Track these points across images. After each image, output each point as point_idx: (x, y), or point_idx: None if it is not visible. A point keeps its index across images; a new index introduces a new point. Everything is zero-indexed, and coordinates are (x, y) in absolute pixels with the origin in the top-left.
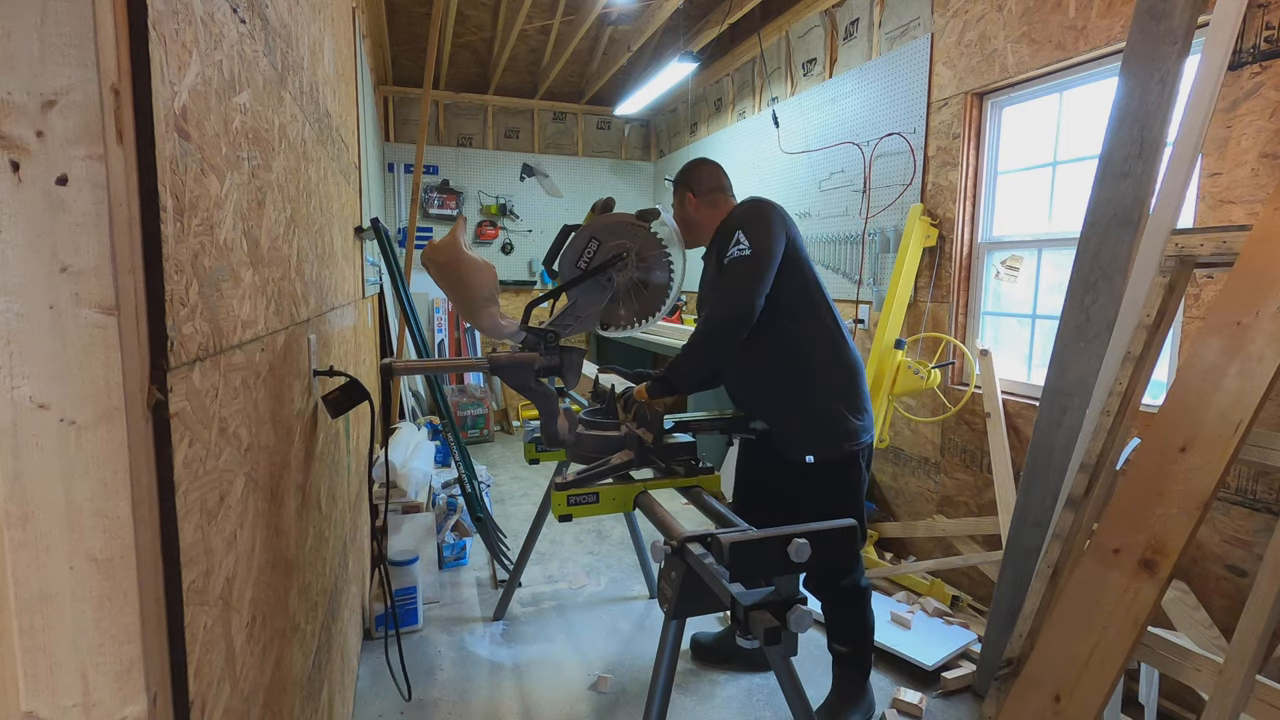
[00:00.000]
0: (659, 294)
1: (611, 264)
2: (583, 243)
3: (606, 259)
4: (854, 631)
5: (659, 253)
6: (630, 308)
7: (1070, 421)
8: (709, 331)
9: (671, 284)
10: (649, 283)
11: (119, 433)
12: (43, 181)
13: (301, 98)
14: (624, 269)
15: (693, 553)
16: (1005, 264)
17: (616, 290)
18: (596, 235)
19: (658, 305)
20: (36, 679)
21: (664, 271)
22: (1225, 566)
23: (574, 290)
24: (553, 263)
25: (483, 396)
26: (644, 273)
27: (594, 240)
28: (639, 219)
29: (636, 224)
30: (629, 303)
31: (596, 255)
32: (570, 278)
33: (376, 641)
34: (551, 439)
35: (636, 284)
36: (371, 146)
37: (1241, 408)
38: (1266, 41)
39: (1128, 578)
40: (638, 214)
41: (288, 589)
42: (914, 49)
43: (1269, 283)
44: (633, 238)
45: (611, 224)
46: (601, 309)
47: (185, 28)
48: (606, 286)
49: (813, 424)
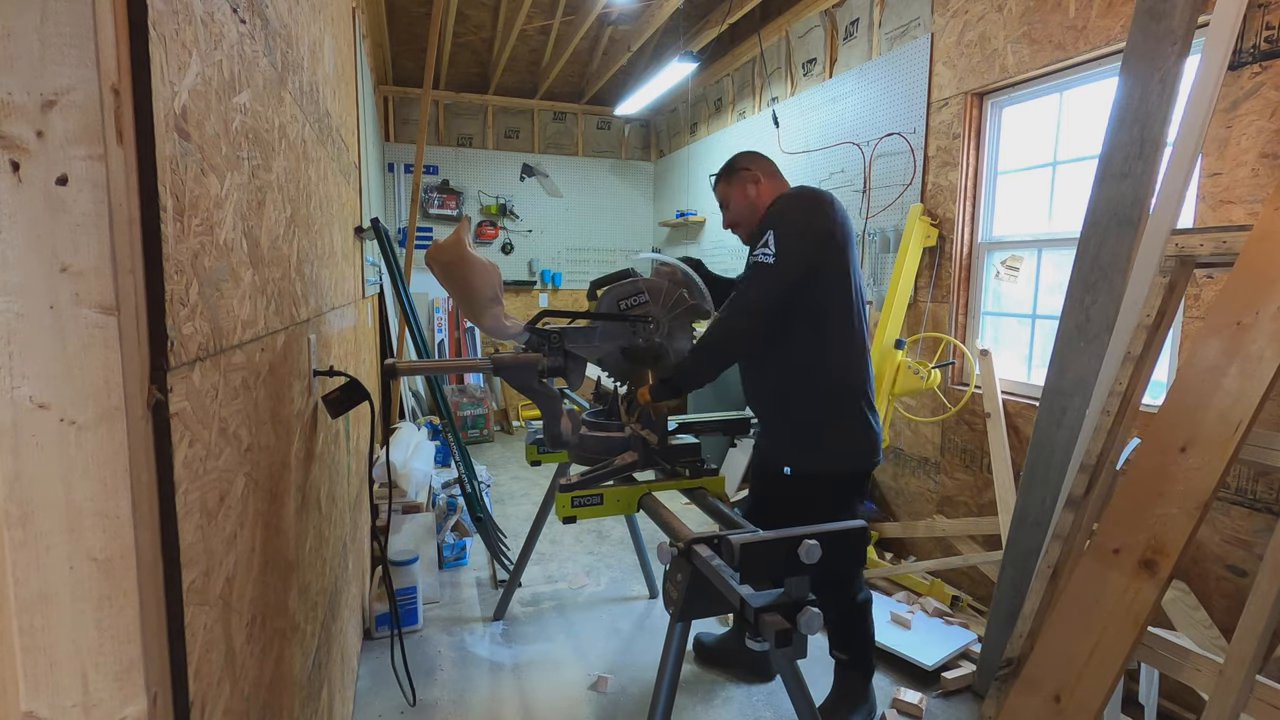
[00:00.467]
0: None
1: (646, 320)
2: (634, 290)
3: (644, 314)
4: (855, 642)
5: (689, 332)
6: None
7: (1070, 421)
8: (716, 339)
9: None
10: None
11: (119, 433)
12: (43, 181)
13: (301, 98)
14: (653, 335)
15: (700, 554)
16: (1005, 264)
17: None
18: (649, 292)
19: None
20: (36, 679)
21: (686, 343)
22: (1225, 566)
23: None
24: (600, 287)
25: (483, 396)
26: (669, 339)
27: (645, 295)
28: (691, 306)
29: (691, 306)
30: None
31: (637, 307)
32: (606, 310)
33: (376, 641)
34: (554, 440)
35: (658, 349)
36: (371, 146)
37: (1241, 408)
38: (1266, 41)
39: (1128, 578)
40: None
41: (288, 589)
42: (914, 49)
43: (1269, 283)
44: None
45: (672, 295)
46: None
47: (185, 28)
48: (628, 336)
49: (800, 437)
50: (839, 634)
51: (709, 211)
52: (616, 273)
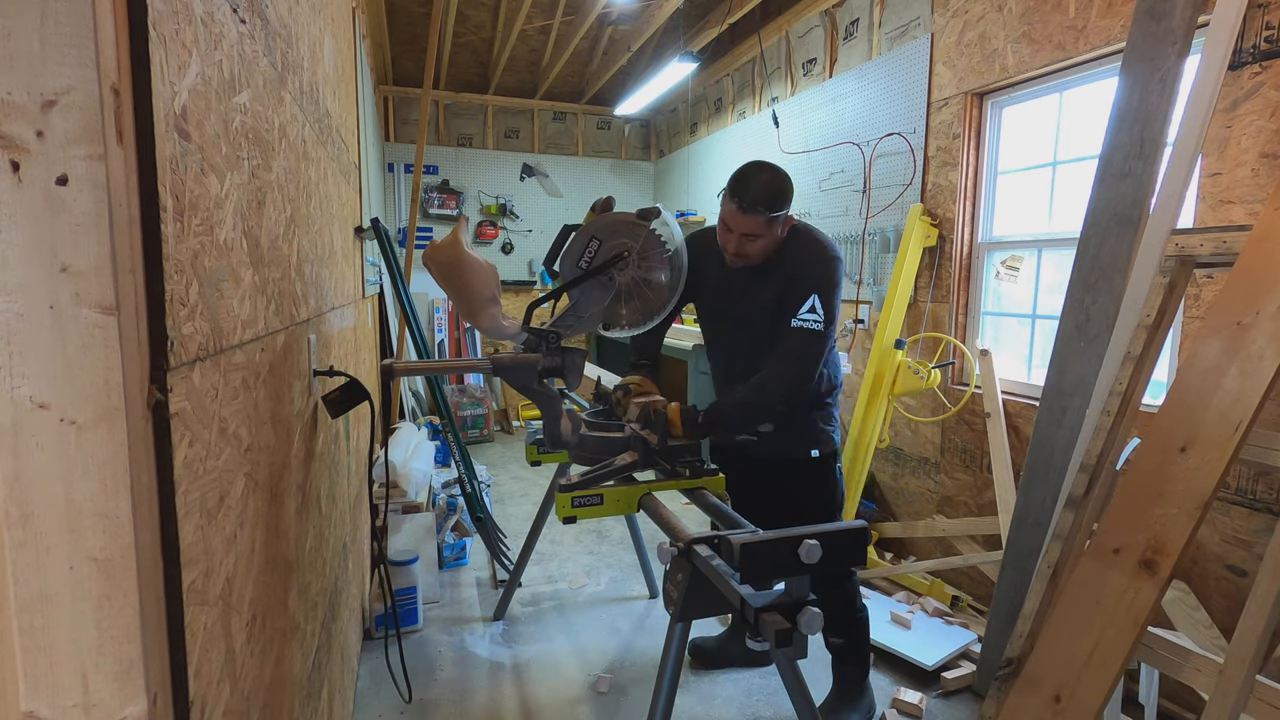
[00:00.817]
0: (661, 293)
1: (613, 263)
2: (584, 242)
3: (608, 258)
4: (845, 617)
5: (660, 251)
6: (633, 307)
7: (1070, 421)
8: (768, 399)
9: (674, 283)
10: (651, 282)
11: (119, 433)
12: (43, 181)
13: (301, 98)
14: (626, 268)
15: (700, 554)
16: (1005, 264)
17: (618, 290)
18: (597, 235)
19: (661, 305)
20: (36, 679)
21: (666, 270)
22: (1225, 566)
23: (575, 290)
24: (553, 263)
25: (483, 397)
26: (645, 272)
27: (595, 240)
28: (640, 218)
29: (637, 223)
30: (631, 302)
31: (598, 255)
32: (571, 277)
33: (376, 641)
34: (554, 441)
35: (638, 283)
36: (371, 146)
37: (1241, 408)
38: (1266, 41)
39: (1128, 578)
40: (638, 213)
41: (288, 589)
42: (914, 49)
43: (1269, 283)
44: (634, 237)
45: (612, 223)
46: (603, 309)
47: (185, 28)
48: (608, 286)
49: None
50: (833, 620)
51: (709, 211)
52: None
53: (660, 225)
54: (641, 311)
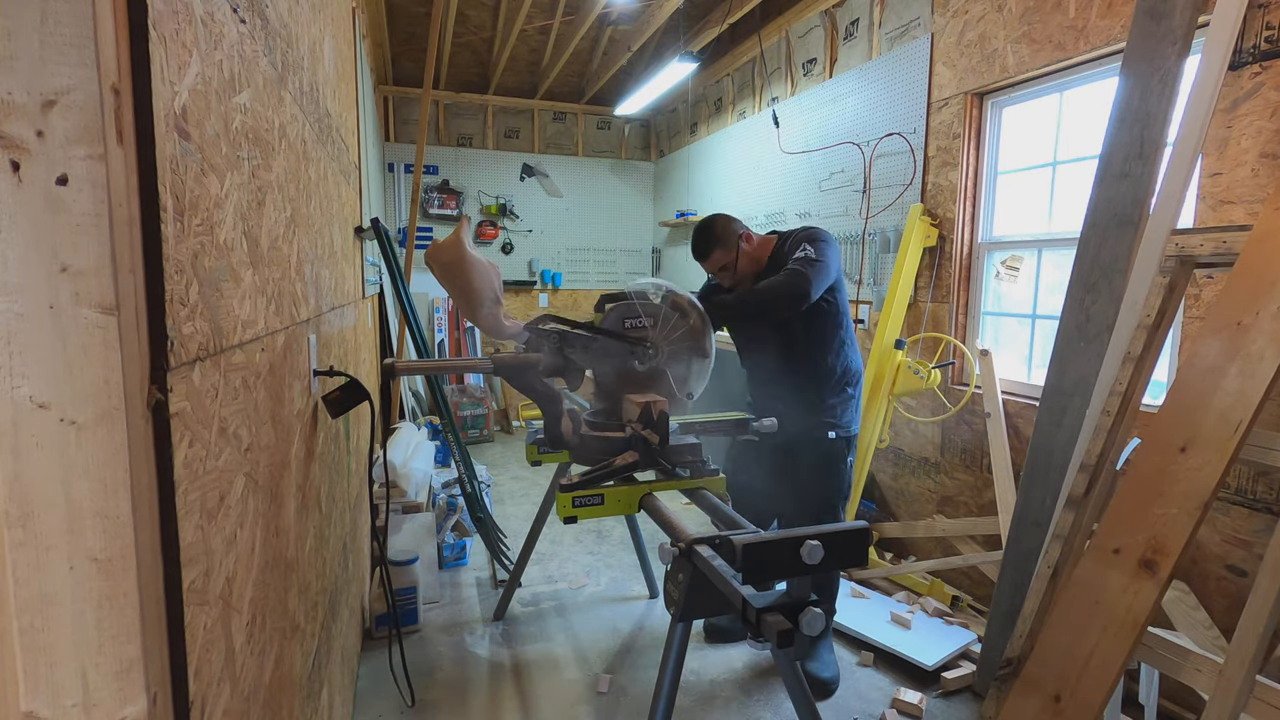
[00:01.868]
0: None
1: (644, 345)
2: (637, 311)
3: (642, 338)
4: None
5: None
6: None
7: (1070, 421)
8: (769, 293)
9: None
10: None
11: (119, 433)
12: (43, 181)
13: (301, 98)
14: (649, 360)
15: (701, 555)
16: (1005, 264)
17: (630, 367)
18: (652, 317)
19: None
20: (36, 679)
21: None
22: (1225, 566)
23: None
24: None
25: (483, 396)
26: (666, 365)
27: (648, 319)
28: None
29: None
30: (630, 386)
31: (638, 330)
32: (611, 326)
33: (377, 641)
34: (555, 441)
35: (655, 372)
36: (371, 146)
37: (1241, 408)
38: (1267, 41)
39: (1128, 578)
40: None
41: (288, 589)
42: (914, 49)
43: (1269, 283)
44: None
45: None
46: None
47: (185, 28)
48: (626, 356)
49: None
50: None
51: (709, 211)
52: (626, 294)
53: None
54: None
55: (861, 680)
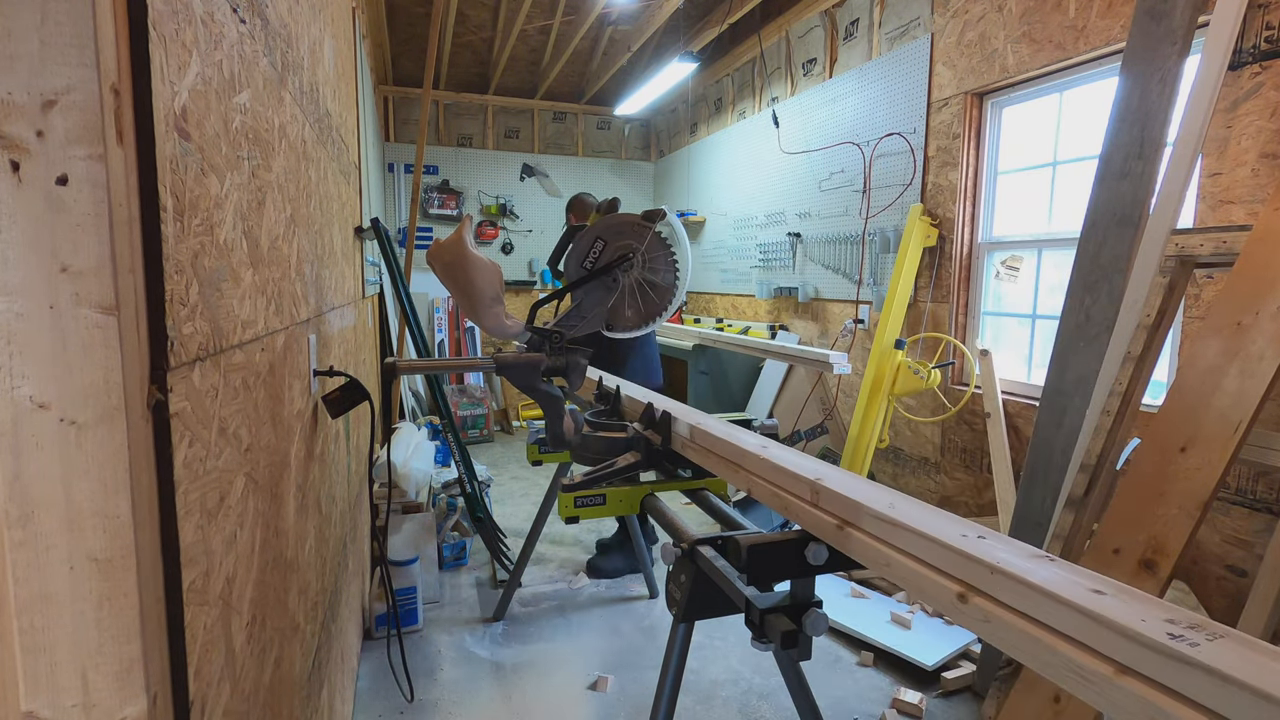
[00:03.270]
0: (664, 294)
1: (617, 264)
2: (588, 243)
3: (612, 259)
4: None
5: (664, 253)
6: (636, 308)
7: (1070, 421)
8: None
9: (677, 284)
10: (655, 283)
11: (119, 433)
12: (43, 181)
13: (301, 98)
14: (630, 269)
15: (704, 555)
16: (1005, 264)
17: (622, 291)
18: (602, 235)
19: (664, 305)
20: (36, 679)
21: (669, 271)
22: (1225, 566)
23: (579, 291)
24: (557, 263)
25: (483, 396)
26: (649, 273)
27: (600, 240)
28: (644, 219)
29: (642, 224)
30: (635, 303)
31: (602, 255)
32: (576, 278)
33: (376, 641)
34: (557, 440)
35: (642, 284)
36: (371, 146)
37: (1241, 408)
38: (1267, 41)
39: (1128, 578)
40: (643, 214)
41: (288, 589)
42: (914, 49)
43: (1269, 283)
44: (639, 238)
45: (617, 224)
46: (606, 310)
47: (185, 28)
48: (612, 287)
49: None
50: None
51: (709, 211)
52: (557, 247)
53: (665, 227)
54: (645, 313)
55: (861, 680)
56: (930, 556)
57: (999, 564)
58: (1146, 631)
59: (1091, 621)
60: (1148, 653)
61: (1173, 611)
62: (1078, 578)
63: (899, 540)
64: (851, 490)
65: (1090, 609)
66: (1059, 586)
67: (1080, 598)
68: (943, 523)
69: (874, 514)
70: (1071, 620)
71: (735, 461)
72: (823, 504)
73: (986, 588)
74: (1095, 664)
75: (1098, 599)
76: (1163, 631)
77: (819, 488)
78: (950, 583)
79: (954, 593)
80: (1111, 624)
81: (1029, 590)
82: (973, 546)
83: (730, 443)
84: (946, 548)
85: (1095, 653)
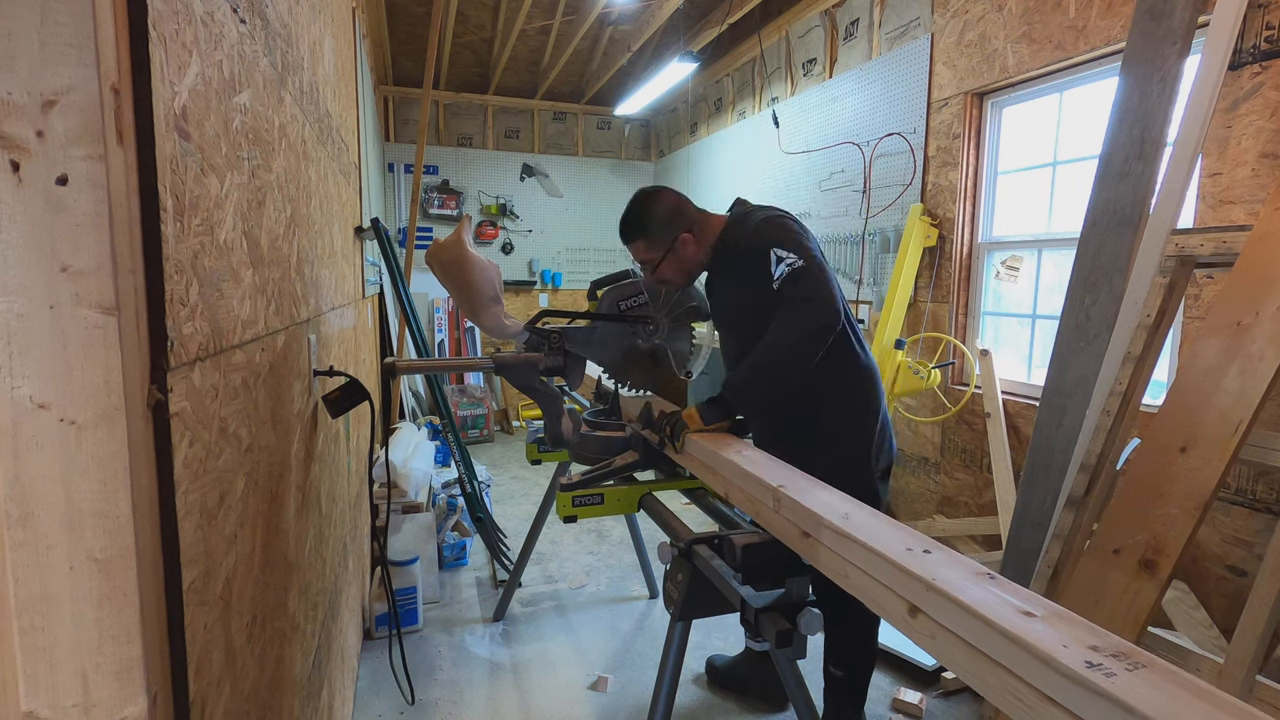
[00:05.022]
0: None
1: (646, 322)
2: (634, 290)
3: (644, 315)
4: (856, 654)
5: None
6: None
7: (1070, 421)
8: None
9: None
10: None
11: (119, 433)
12: (43, 181)
13: (301, 98)
14: (652, 336)
15: (700, 554)
16: (1005, 264)
17: (633, 347)
18: (649, 292)
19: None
20: (36, 679)
21: (684, 343)
22: (1225, 566)
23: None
24: (600, 287)
25: (483, 396)
26: (667, 341)
27: (644, 295)
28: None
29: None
30: (638, 366)
31: (637, 309)
32: (606, 311)
33: (376, 641)
34: (555, 440)
35: (657, 351)
36: (371, 146)
37: (1241, 408)
38: (1267, 41)
39: (1128, 578)
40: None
41: (288, 589)
42: (914, 49)
43: (1269, 283)
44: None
45: (666, 292)
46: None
47: (185, 28)
48: (628, 337)
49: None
50: (839, 645)
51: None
52: (617, 273)
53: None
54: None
55: None
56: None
57: (934, 581)
58: (1063, 659)
59: (1014, 646)
60: (1064, 681)
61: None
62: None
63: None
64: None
65: (1013, 632)
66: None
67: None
68: (892, 536)
69: (829, 525)
70: (997, 643)
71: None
72: (784, 512)
73: (923, 605)
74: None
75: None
76: (1081, 660)
77: (780, 495)
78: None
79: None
80: (1032, 649)
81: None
82: (913, 562)
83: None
84: (888, 561)
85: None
